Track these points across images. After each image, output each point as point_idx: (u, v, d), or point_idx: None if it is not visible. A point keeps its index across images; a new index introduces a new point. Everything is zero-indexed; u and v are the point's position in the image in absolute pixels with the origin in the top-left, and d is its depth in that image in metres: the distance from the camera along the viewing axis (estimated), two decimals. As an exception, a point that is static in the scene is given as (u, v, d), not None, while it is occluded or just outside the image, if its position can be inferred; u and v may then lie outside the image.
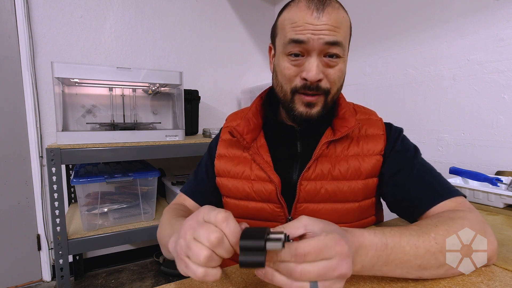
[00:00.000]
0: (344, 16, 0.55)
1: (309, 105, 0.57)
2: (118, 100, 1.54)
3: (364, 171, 0.59)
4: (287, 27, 0.55)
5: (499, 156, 1.06)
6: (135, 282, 1.68)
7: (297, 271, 0.31)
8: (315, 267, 0.31)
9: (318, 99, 0.57)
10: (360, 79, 1.59)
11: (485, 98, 1.09)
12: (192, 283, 0.42)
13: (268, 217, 0.62)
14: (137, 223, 1.32)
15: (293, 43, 0.54)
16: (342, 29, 0.54)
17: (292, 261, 0.31)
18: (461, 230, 0.42)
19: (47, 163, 1.10)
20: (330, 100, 0.58)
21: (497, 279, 0.41)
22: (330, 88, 0.56)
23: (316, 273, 0.31)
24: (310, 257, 0.31)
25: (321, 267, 0.31)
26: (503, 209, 0.78)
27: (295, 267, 0.31)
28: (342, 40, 0.54)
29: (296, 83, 0.56)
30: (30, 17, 1.51)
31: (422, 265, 0.39)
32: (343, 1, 0.66)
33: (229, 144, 0.67)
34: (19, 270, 1.61)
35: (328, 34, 0.52)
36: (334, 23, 0.53)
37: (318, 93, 0.56)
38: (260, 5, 2.18)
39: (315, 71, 0.53)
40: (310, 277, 0.31)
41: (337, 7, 0.54)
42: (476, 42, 1.10)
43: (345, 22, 0.55)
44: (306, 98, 0.56)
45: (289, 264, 0.32)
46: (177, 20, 1.89)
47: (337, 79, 0.56)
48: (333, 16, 0.53)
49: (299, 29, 0.53)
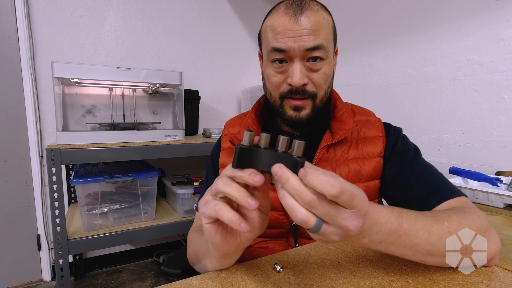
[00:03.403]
0: (325, 17, 0.55)
1: (297, 109, 0.58)
2: (118, 100, 1.54)
3: (364, 174, 0.59)
4: (269, 35, 0.56)
5: (499, 156, 1.06)
6: (135, 282, 1.68)
7: (314, 198, 0.29)
8: (330, 205, 0.30)
9: (306, 103, 0.57)
10: (360, 79, 1.58)
11: (485, 98, 1.09)
12: (192, 283, 0.42)
13: (272, 224, 0.61)
14: (137, 223, 1.32)
15: (275, 52, 0.55)
16: (323, 31, 0.54)
17: (325, 190, 0.29)
18: (472, 223, 0.42)
19: (47, 163, 1.10)
20: (319, 102, 0.59)
21: (497, 279, 0.41)
22: (317, 92, 0.57)
23: (328, 210, 0.30)
24: (343, 197, 0.29)
25: (334, 209, 0.30)
26: (503, 209, 0.78)
27: (311, 195, 0.29)
28: (324, 43, 0.54)
29: (283, 89, 0.57)
30: (30, 17, 1.51)
31: (430, 251, 0.40)
32: (344, 2, 0.66)
33: (230, 153, 0.67)
34: (19, 270, 1.60)
35: (308, 39, 0.52)
36: (313, 26, 0.53)
37: (305, 96, 0.57)
38: (260, 5, 2.18)
39: (298, 76, 0.54)
40: (321, 210, 0.30)
41: (316, 9, 0.54)
42: (476, 42, 1.10)
43: (326, 23, 0.55)
44: (294, 103, 0.57)
45: (306, 189, 0.30)
46: (177, 20, 1.89)
47: (322, 82, 0.57)
48: (312, 19, 0.53)
49: (279, 37, 0.54)
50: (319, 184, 0.29)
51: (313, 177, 0.29)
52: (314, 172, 0.30)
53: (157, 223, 1.34)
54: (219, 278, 0.43)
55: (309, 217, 0.30)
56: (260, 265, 0.47)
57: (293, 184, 0.30)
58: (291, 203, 0.31)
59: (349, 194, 0.29)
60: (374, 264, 0.46)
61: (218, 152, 0.70)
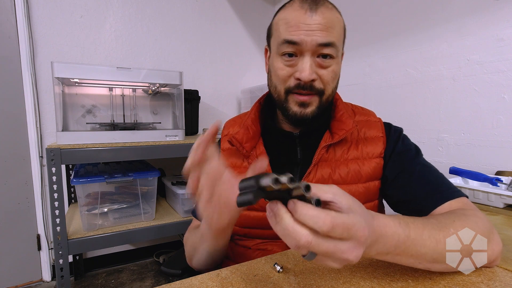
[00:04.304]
0: (338, 17, 0.56)
1: (303, 105, 0.57)
2: (118, 100, 1.53)
3: (364, 174, 0.59)
4: (281, 27, 0.55)
5: (499, 156, 1.06)
6: (135, 282, 1.68)
7: (308, 240, 0.28)
8: (326, 244, 0.29)
9: (312, 99, 0.57)
10: (360, 79, 1.58)
11: (485, 98, 1.09)
12: (192, 283, 0.42)
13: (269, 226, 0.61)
14: (137, 223, 1.32)
15: (286, 44, 0.54)
16: (336, 29, 0.54)
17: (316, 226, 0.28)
18: (475, 227, 0.42)
19: (47, 163, 1.10)
20: (325, 100, 0.58)
21: (497, 279, 0.41)
22: (324, 89, 0.57)
23: (324, 249, 0.29)
24: (335, 231, 0.28)
25: (331, 245, 0.29)
26: (503, 209, 0.78)
27: (307, 235, 0.28)
28: (335, 41, 0.54)
29: (290, 83, 0.57)
30: (30, 17, 1.51)
31: (437, 259, 0.39)
32: (344, 2, 0.66)
33: (229, 154, 0.66)
34: (19, 270, 1.60)
35: (320, 35, 0.53)
36: (327, 23, 0.53)
37: (312, 92, 0.56)
38: (260, 5, 2.18)
39: (308, 71, 0.54)
40: (317, 249, 0.29)
41: (331, 8, 0.55)
42: (476, 42, 1.10)
43: (339, 23, 0.56)
44: (300, 98, 0.57)
45: (300, 229, 0.29)
46: (177, 20, 1.89)
47: (330, 80, 0.56)
48: (327, 16, 0.53)
49: (293, 29, 0.53)
50: (309, 221, 0.28)
51: (303, 212, 0.28)
52: (303, 207, 0.29)
53: (157, 223, 1.34)
54: (219, 278, 0.43)
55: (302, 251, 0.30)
56: (260, 265, 0.47)
57: (286, 224, 0.29)
58: (286, 240, 0.30)
59: (342, 228, 0.28)
60: (374, 264, 0.46)
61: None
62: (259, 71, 2.21)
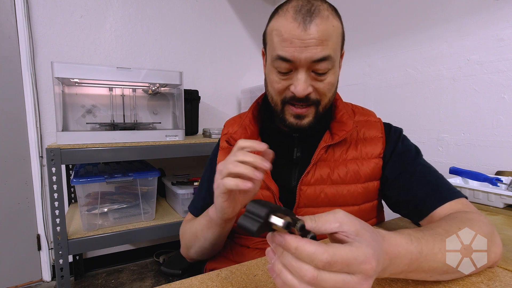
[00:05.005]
0: (334, 25, 0.52)
1: (299, 117, 0.57)
2: (118, 100, 1.53)
3: (363, 174, 0.59)
4: (275, 39, 0.54)
5: (499, 156, 1.06)
6: (135, 282, 1.68)
7: (314, 275, 0.27)
8: (333, 278, 0.27)
9: (308, 111, 0.57)
10: (360, 79, 1.58)
11: (485, 98, 1.09)
12: (192, 283, 0.42)
13: None
14: (137, 223, 1.32)
15: (280, 60, 0.53)
16: (332, 40, 0.52)
17: (313, 264, 0.27)
18: (480, 231, 0.41)
19: (47, 163, 1.10)
20: (322, 109, 0.58)
21: (497, 279, 0.41)
22: (321, 99, 0.56)
23: (331, 284, 0.27)
24: (334, 267, 0.27)
25: (339, 280, 0.27)
26: (503, 209, 0.78)
27: (312, 271, 0.27)
28: (331, 53, 0.52)
29: (285, 95, 0.56)
30: (30, 17, 1.51)
31: (447, 271, 0.39)
32: (344, 2, 0.65)
33: (227, 153, 0.65)
34: (19, 270, 1.60)
35: (315, 50, 0.50)
36: (321, 36, 0.50)
37: (308, 104, 0.56)
38: (260, 5, 2.18)
39: (302, 87, 0.53)
40: (324, 285, 0.27)
41: (326, 16, 0.51)
42: (476, 42, 1.10)
43: (335, 31, 0.53)
44: (296, 110, 0.56)
45: (305, 266, 0.27)
46: (177, 20, 1.89)
47: (326, 91, 0.56)
48: (321, 28, 0.50)
49: (286, 45, 0.51)
50: (307, 259, 0.27)
51: (300, 248, 0.27)
52: (299, 242, 0.28)
53: (157, 223, 1.34)
54: (219, 278, 0.43)
55: None
56: (260, 265, 0.47)
57: (290, 260, 0.28)
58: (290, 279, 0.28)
59: (341, 263, 0.27)
60: (374, 264, 0.46)
61: (216, 153, 0.69)
62: (259, 71, 2.21)
